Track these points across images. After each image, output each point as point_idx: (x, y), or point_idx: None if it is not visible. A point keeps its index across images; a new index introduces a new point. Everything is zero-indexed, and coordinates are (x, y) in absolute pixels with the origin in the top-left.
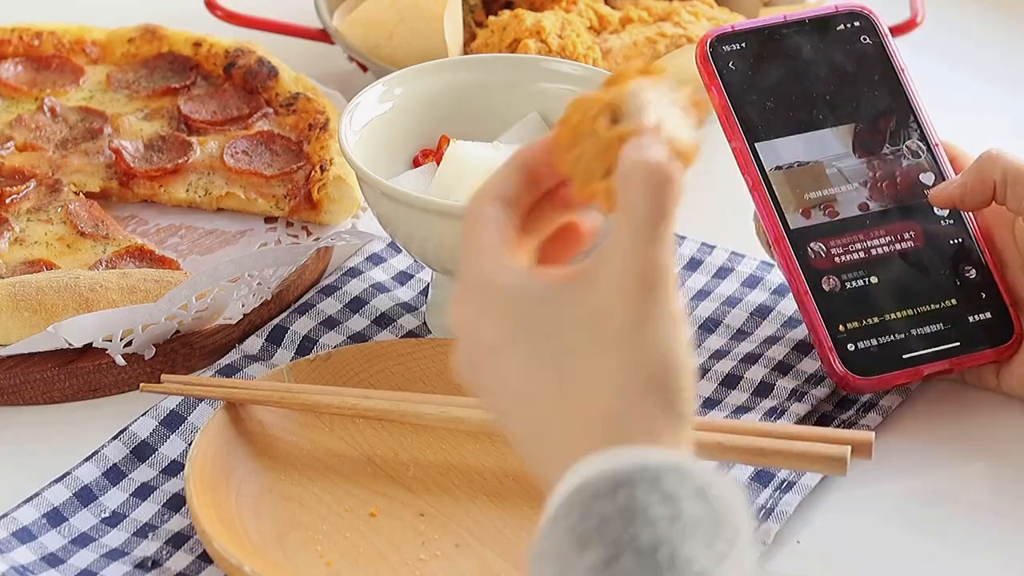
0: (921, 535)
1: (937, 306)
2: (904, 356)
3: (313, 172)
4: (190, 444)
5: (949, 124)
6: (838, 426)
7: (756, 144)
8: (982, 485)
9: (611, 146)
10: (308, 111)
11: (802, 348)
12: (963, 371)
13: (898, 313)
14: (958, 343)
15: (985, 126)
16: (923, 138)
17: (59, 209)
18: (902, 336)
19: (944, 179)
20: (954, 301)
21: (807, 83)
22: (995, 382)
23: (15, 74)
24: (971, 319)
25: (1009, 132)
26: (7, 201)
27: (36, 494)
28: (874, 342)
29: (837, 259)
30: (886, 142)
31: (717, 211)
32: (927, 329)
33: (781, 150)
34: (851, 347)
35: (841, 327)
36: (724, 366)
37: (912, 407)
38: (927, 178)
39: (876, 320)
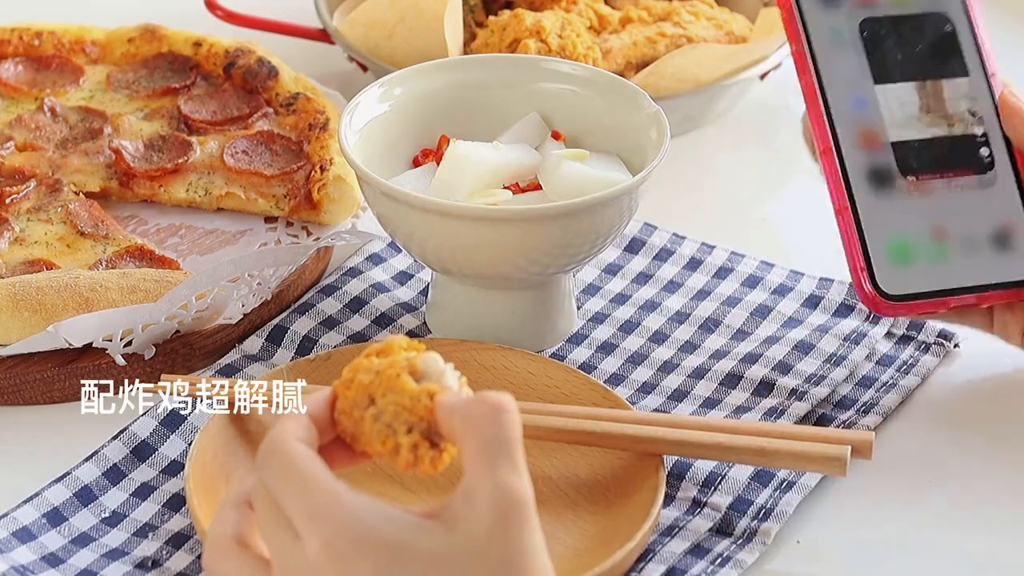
0: (921, 535)
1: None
2: (937, 287)
3: (313, 172)
4: (190, 444)
5: None
6: (838, 426)
7: (815, 49)
8: (982, 485)
9: (418, 401)
10: (308, 111)
11: (802, 348)
12: (993, 314)
13: (936, 240)
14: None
15: None
16: (981, 71)
17: (59, 209)
18: (940, 264)
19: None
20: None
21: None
22: (1020, 340)
23: (15, 74)
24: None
25: None
26: (7, 201)
27: (36, 494)
28: (906, 267)
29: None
30: (945, 91)
31: (717, 211)
32: (962, 262)
33: (844, 68)
34: (880, 271)
35: (874, 245)
36: (724, 366)
37: (912, 407)
38: (984, 107)
39: (910, 244)
